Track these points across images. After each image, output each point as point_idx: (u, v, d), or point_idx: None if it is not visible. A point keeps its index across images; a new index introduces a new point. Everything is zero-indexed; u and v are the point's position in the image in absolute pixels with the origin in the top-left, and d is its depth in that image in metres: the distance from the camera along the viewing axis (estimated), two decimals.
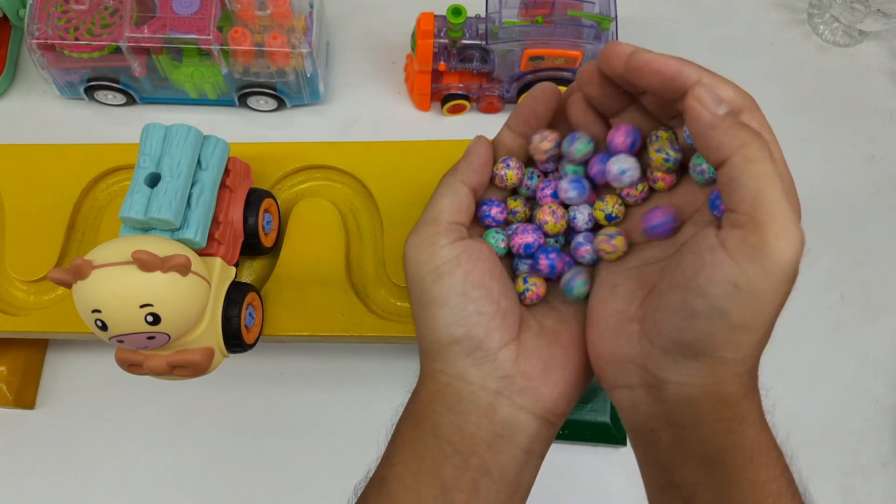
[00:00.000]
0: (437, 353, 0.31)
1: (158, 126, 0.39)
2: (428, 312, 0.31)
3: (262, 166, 0.46)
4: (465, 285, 0.30)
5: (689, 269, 0.26)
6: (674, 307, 0.27)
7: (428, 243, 0.31)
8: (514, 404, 0.31)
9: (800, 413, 0.55)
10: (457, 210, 0.33)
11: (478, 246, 0.32)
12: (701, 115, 0.26)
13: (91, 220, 0.47)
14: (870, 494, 0.53)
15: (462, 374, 0.31)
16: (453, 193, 0.33)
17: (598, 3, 0.54)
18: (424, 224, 0.32)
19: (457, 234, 0.32)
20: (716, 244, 0.25)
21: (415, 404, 0.32)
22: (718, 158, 0.26)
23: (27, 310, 0.46)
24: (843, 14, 0.61)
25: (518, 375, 0.31)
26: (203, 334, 0.37)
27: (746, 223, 0.24)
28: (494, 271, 0.32)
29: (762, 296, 0.25)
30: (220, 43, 0.53)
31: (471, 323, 0.30)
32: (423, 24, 0.55)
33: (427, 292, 0.31)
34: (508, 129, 0.35)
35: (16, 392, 0.54)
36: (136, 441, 0.54)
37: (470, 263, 0.31)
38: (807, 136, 0.61)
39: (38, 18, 0.53)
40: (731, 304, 0.25)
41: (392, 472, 0.31)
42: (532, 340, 0.32)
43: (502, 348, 0.31)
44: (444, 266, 0.31)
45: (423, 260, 0.31)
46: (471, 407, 0.30)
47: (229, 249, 0.41)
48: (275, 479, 0.54)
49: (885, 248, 0.58)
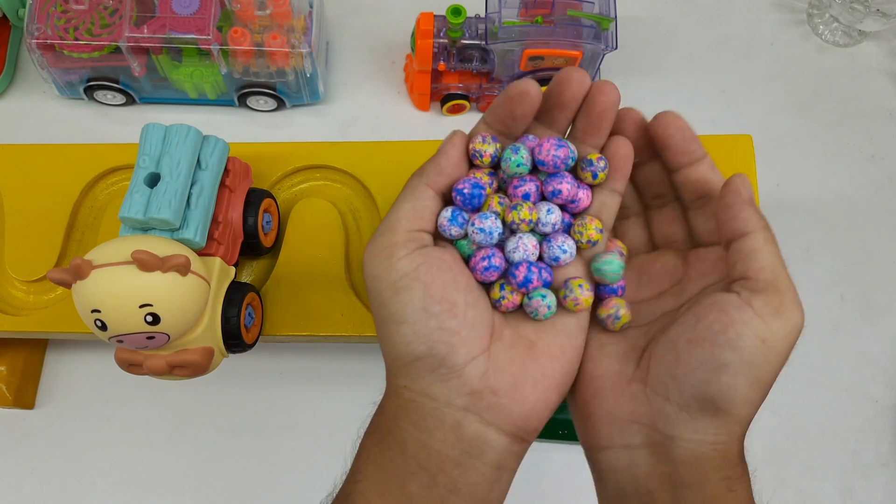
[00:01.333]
0: (400, 370, 0.30)
1: (158, 126, 0.39)
2: (387, 328, 0.29)
3: (261, 166, 0.46)
4: (424, 300, 0.29)
5: (717, 325, 0.28)
6: (699, 360, 0.28)
7: (385, 255, 0.29)
8: (482, 421, 0.29)
9: (800, 413, 0.55)
10: (418, 217, 0.30)
11: (439, 255, 0.30)
12: (741, 191, 0.29)
13: (91, 220, 0.47)
14: (870, 494, 0.53)
15: (426, 391, 0.29)
16: (415, 198, 0.31)
17: (598, 3, 0.54)
18: (382, 233, 0.30)
19: (416, 244, 0.30)
20: (741, 304, 0.28)
21: (380, 418, 0.31)
22: (741, 231, 0.29)
23: (27, 310, 0.46)
24: (843, 14, 0.61)
25: (486, 392, 0.29)
26: (203, 334, 0.37)
27: (769, 289, 0.28)
28: (459, 281, 0.30)
29: (780, 353, 0.28)
30: (219, 43, 0.53)
31: (432, 340, 0.29)
32: (423, 24, 0.55)
33: (385, 308, 0.29)
34: (485, 124, 0.33)
35: (15, 392, 0.54)
36: (135, 441, 0.54)
37: (430, 276, 0.29)
38: (806, 136, 0.61)
39: (38, 18, 0.53)
40: (758, 358, 0.27)
41: (356, 488, 0.30)
42: (504, 353, 0.30)
43: (469, 363, 0.29)
44: (402, 280, 0.29)
45: (379, 273, 0.29)
46: (436, 424, 0.29)
47: (229, 249, 0.41)
48: (275, 479, 0.54)
49: (885, 248, 0.58)
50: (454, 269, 0.30)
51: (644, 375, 0.30)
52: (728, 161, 0.45)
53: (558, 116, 0.32)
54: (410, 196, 0.31)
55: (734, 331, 0.27)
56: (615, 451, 0.30)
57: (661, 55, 0.63)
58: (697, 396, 0.28)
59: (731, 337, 0.27)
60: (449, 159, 0.31)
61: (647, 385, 0.30)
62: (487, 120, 0.33)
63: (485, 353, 0.30)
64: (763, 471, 0.54)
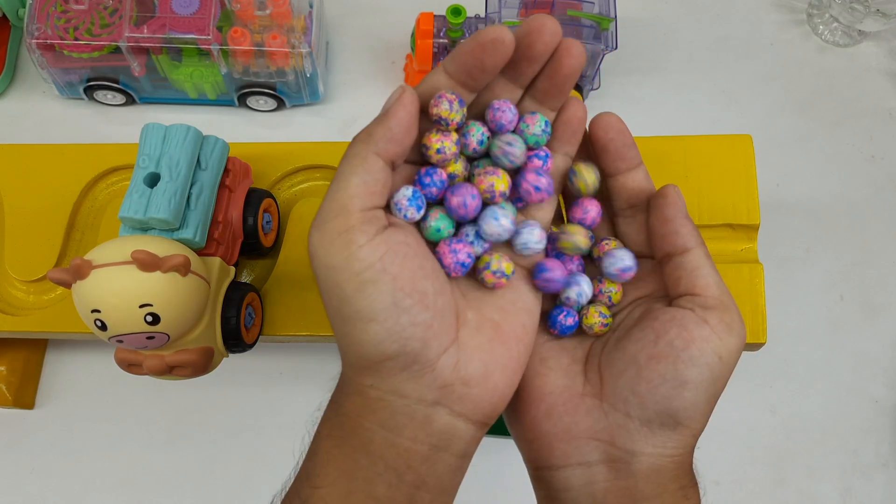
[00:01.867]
0: (366, 370, 0.27)
1: (158, 126, 0.39)
2: (352, 327, 0.26)
3: (261, 166, 0.46)
4: (394, 294, 0.26)
5: (678, 342, 0.28)
6: (661, 377, 0.28)
7: (341, 242, 0.26)
8: (451, 413, 0.28)
9: (800, 413, 0.55)
10: (370, 192, 0.26)
11: (403, 238, 0.27)
12: (679, 204, 0.29)
13: (90, 220, 0.47)
14: (870, 494, 0.53)
15: (396, 389, 0.27)
16: (365, 170, 0.26)
17: (598, 3, 0.54)
18: (332, 214, 0.26)
19: (374, 226, 0.26)
20: (699, 321, 0.28)
21: (340, 418, 0.28)
22: (683, 247, 0.29)
23: (27, 310, 0.46)
24: (843, 14, 0.61)
25: (457, 383, 0.27)
26: (202, 334, 0.37)
27: (719, 307, 0.28)
28: (426, 267, 0.27)
29: (731, 368, 0.28)
30: (219, 43, 0.53)
31: (405, 337, 0.26)
32: (423, 24, 0.55)
33: (348, 304, 0.26)
34: (446, 75, 0.28)
35: (15, 392, 0.54)
36: (135, 441, 0.54)
37: (397, 265, 0.26)
38: (806, 136, 0.61)
39: (38, 18, 0.53)
40: (716, 373, 0.28)
41: (316, 493, 0.28)
42: (472, 339, 0.28)
43: (441, 356, 0.27)
44: (367, 273, 0.26)
45: (336, 264, 0.26)
46: (405, 421, 0.27)
47: (229, 249, 0.41)
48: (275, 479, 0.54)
49: (885, 248, 0.58)
50: (419, 254, 0.27)
51: (597, 390, 0.30)
52: (728, 161, 0.45)
53: (525, 70, 0.29)
54: (359, 168, 0.26)
55: (696, 348, 0.28)
56: (571, 469, 0.29)
57: (661, 55, 0.63)
58: (660, 411, 0.28)
59: (694, 354, 0.28)
60: (400, 123, 0.27)
61: (602, 400, 0.29)
62: (449, 68, 0.28)
63: (454, 342, 0.28)
64: (763, 471, 0.54)
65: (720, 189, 0.45)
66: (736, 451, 0.54)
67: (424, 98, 0.28)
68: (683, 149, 0.45)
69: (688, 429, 0.28)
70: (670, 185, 0.30)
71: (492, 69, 0.27)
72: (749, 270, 0.44)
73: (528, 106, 0.30)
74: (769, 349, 0.45)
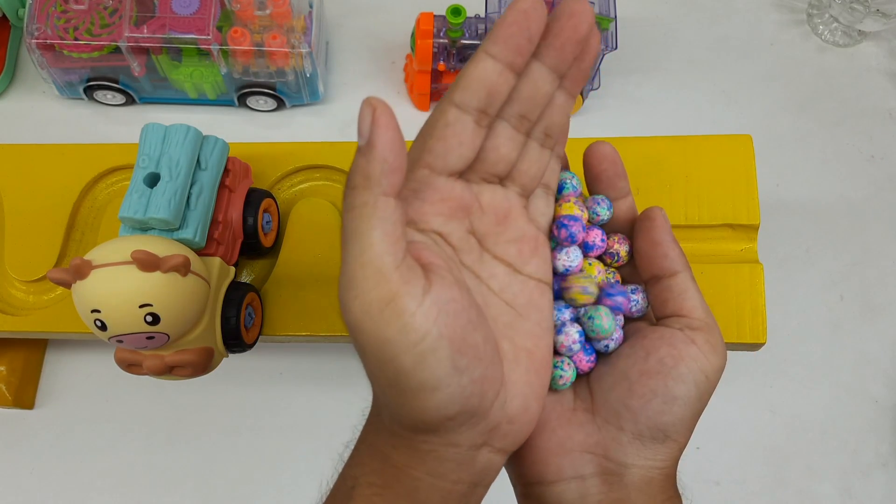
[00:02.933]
0: (423, 431, 0.26)
1: (157, 126, 0.39)
2: (411, 397, 0.25)
3: (261, 166, 0.46)
4: (452, 358, 0.24)
5: (669, 360, 0.29)
6: (653, 392, 0.29)
7: (391, 313, 0.23)
8: (492, 450, 0.28)
9: (800, 413, 0.55)
10: (396, 241, 0.24)
11: (450, 295, 0.25)
12: (667, 227, 0.30)
13: (90, 220, 0.47)
14: (869, 494, 0.53)
15: (451, 441, 0.27)
16: (382, 219, 0.24)
17: (598, 3, 0.54)
18: (370, 283, 0.24)
19: (419, 283, 0.24)
20: (687, 340, 0.29)
21: (386, 469, 0.28)
22: (672, 270, 0.30)
23: (27, 310, 0.46)
24: (843, 14, 0.61)
25: (503, 422, 0.27)
26: (202, 334, 0.37)
27: (704, 328, 0.29)
28: (473, 318, 0.26)
29: (713, 386, 0.29)
30: (219, 43, 0.53)
31: (465, 396, 0.25)
32: (423, 24, 0.55)
33: (408, 377, 0.24)
34: (492, 58, 0.25)
35: (15, 392, 0.54)
36: (135, 441, 0.54)
37: (450, 326, 0.24)
38: (806, 136, 0.61)
39: (38, 18, 0.53)
40: (702, 391, 0.29)
41: None
42: (513, 373, 0.28)
43: (494, 401, 0.27)
44: (425, 343, 0.24)
45: (391, 337, 0.23)
46: (453, 467, 0.27)
47: (228, 249, 0.41)
48: (275, 479, 0.54)
49: (885, 248, 0.58)
50: (466, 306, 0.25)
51: (588, 404, 0.30)
52: (728, 161, 0.45)
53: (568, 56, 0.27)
54: (374, 218, 0.24)
55: (685, 366, 0.29)
56: (565, 483, 0.29)
57: (661, 55, 0.63)
58: (651, 426, 0.29)
59: (683, 371, 0.28)
60: (392, 148, 0.24)
61: (594, 413, 0.30)
62: (493, 51, 0.25)
63: (503, 383, 0.27)
64: (763, 471, 0.54)
65: (720, 189, 0.45)
66: (736, 451, 0.54)
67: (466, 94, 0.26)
68: (683, 149, 0.46)
69: (675, 442, 0.29)
70: (656, 208, 0.31)
71: (537, 38, 0.25)
72: (749, 270, 0.44)
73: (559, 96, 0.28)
74: (769, 349, 0.45)
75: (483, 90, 0.26)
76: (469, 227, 0.29)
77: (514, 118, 0.28)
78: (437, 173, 0.27)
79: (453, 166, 0.27)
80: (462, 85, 0.26)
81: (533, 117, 0.28)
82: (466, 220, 0.29)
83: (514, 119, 0.28)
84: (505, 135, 0.28)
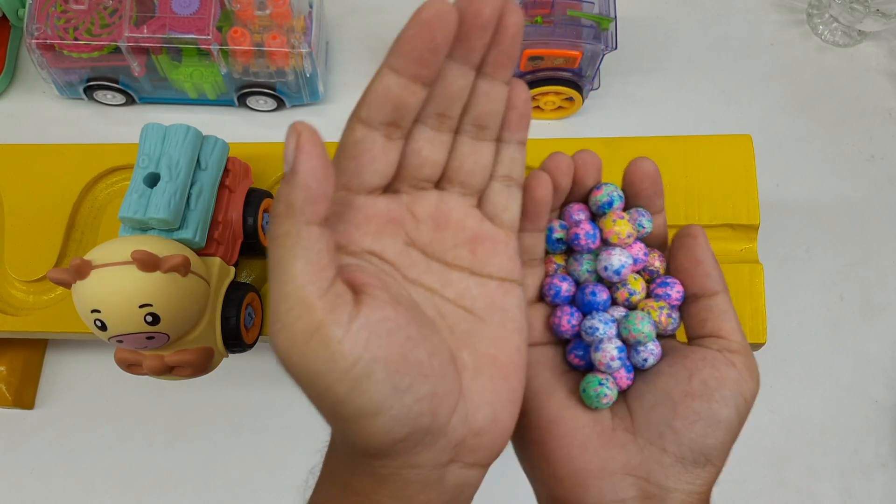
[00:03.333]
0: (376, 456, 0.25)
1: (157, 126, 0.39)
2: (354, 424, 0.24)
3: (261, 166, 0.46)
4: (391, 378, 0.23)
5: (712, 382, 0.28)
6: (697, 414, 0.28)
7: (317, 342, 0.22)
8: (464, 466, 0.26)
9: (800, 413, 0.55)
10: (320, 270, 0.23)
11: (381, 314, 0.24)
12: (707, 246, 0.31)
13: (90, 220, 0.47)
14: (869, 494, 0.53)
15: (409, 463, 0.25)
16: (305, 248, 0.23)
17: (598, 3, 0.54)
18: (293, 315, 0.22)
19: (346, 309, 0.23)
20: (728, 363, 0.29)
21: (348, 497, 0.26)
22: (712, 290, 0.30)
23: (26, 310, 0.46)
24: (843, 14, 0.61)
25: (469, 436, 0.26)
26: (202, 334, 0.37)
27: (742, 351, 0.29)
28: (412, 334, 0.24)
29: (748, 411, 0.29)
30: (219, 43, 0.53)
31: (413, 416, 0.24)
32: None
33: (345, 405, 0.23)
34: (395, 73, 0.24)
35: (15, 392, 0.54)
36: (135, 441, 0.54)
37: (385, 347, 0.23)
38: (806, 136, 0.61)
39: (38, 18, 0.53)
40: (742, 415, 0.29)
41: None
42: (474, 384, 0.26)
43: (451, 417, 0.25)
44: (356, 368, 0.22)
45: (319, 368, 0.22)
46: (419, 488, 0.26)
47: (228, 249, 0.41)
48: (275, 479, 0.54)
49: (885, 248, 0.58)
50: (401, 323, 0.24)
51: (628, 424, 0.29)
52: (728, 161, 0.45)
53: (476, 44, 0.25)
54: (296, 248, 0.23)
55: (728, 389, 0.28)
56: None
57: (661, 55, 0.63)
58: (694, 448, 0.28)
59: (726, 394, 0.28)
60: (315, 176, 0.22)
61: (636, 434, 0.29)
62: (395, 64, 0.24)
63: (460, 396, 0.26)
64: (763, 471, 0.54)
65: (720, 189, 0.45)
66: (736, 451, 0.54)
67: (371, 110, 0.25)
68: (683, 149, 0.46)
69: (714, 467, 0.29)
70: (696, 226, 0.31)
71: (443, 47, 0.24)
72: (749, 270, 0.44)
73: (482, 85, 0.26)
74: (769, 349, 0.45)
75: (388, 105, 0.25)
76: (406, 239, 0.27)
77: (431, 119, 0.26)
78: (355, 192, 0.26)
79: (370, 183, 0.26)
80: (366, 101, 0.25)
81: (454, 113, 0.27)
82: (401, 234, 0.27)
83: (432, 119, 0.26)
84: (424, 137, 0.27)
